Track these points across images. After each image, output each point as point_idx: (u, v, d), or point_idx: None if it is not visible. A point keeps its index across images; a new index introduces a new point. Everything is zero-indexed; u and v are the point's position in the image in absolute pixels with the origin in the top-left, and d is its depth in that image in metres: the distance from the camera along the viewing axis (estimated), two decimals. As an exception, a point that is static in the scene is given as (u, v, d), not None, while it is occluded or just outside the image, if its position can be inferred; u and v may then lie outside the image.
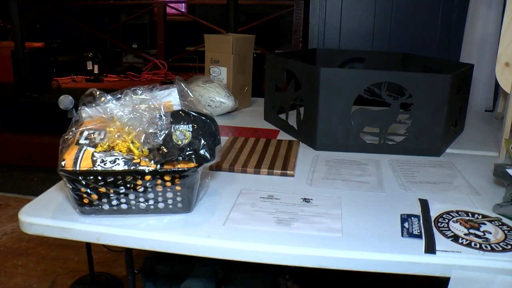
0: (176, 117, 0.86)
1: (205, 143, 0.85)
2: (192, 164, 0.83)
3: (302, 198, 0.94)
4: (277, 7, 4.60)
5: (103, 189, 0.82)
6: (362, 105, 1.24)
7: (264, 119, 1.56)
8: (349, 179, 1.05)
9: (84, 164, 0.80)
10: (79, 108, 0.90)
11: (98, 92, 0.89)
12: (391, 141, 1.25)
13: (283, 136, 1.38)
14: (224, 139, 1.28)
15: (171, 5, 4.81)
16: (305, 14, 2.94)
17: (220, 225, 0.84)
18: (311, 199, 0.94)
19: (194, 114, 0.88)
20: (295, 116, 1.36)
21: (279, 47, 4.72)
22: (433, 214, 0.89)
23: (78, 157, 0.81)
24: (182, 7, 4.98)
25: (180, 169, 0.82)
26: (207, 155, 0.85)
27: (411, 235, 0.81)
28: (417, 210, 0.91)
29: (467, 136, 1.51)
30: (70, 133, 0.86)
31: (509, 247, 0.79)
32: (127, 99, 0.89)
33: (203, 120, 0.88)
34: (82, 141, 0.84)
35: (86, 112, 0.89)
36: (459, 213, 0.90)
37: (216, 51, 1.68)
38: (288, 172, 1.07)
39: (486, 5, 2.01)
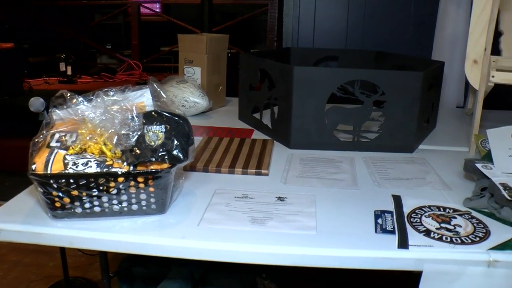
0: (149, 118, 0.86)
1: (178, 143, 0.85)
2: (165, 165, 0.83)
3: (276, 197, 0.94)
4: (253, 7, 4.60)
5: (75, 192, 0.81)
6: (336, 103, 1.25)
7: (239, 119, 1.56)
8: (323, 177, 1.06)
9: (56, 167, 0.79)
10: (50, 110, 0.89)
11: (69, 94, 0.88)
12: (365, 138, 1.26)
13: (257, 135, 1.38)
14: (198, 139, 1.28)
15: (145, 5, 4.76)
16: (280, 13, 2.95)
17: (194, 225, 0.84)
18: (286, 198, 0.94)
19: (167, 114, 0.87)
20: (270, 115, 1.36)
21: (255, 47, 4.71)
22: (406, 209, 0.90)
23: (49, 160, 0.80)
24: (157, 7, 4.93)
25: (153, 170, 0.82)
26: (180, 155, 0.84)
27: (384, 231, 0.82)
28: (391, 206, 0.92)
29: (440, 132, 1.53)
30: (41, 136, 0.85)
31: (478, 239, 0.80)
32: (99, 100, 0.88)
33: (176, 120, 0.87)
34: (53, 143, 0.83)
35: (57, 114, 0.87)
36: (431, 208, 0.92)
37: (190, 51, 1.67)
38: (262, 171, 1.07)
39: (456, 4, 2.05)
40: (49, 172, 0.79)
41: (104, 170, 0.80)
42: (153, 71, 4.48)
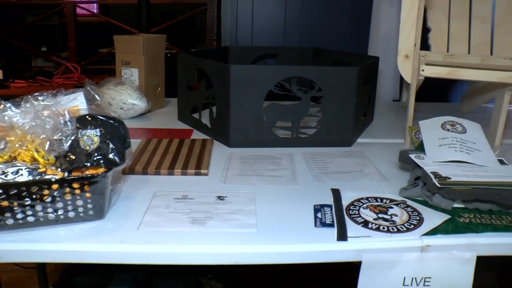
0: (83, 122, 0.83)
1: (114, 147, 0.83)
2: (102, 169, 0.81)
3: (216, 196, 0.94)
4: (192, 6, 4.56)
5: (5, 203, 0.77)
6: (274, 100, 1.26)
7: (178, 119, 1.55)
8: (263, 174, 1.07)
9: (-18, 178, 0.75)
10: (-26, 118, 0.85)
11: (-6, 100, 0.84)
12: (303, 134, 1.28)
13: (197, 135, 1.37)
14: (137, 142, 1.26)
15: (82, 5, 4.63)
16: (219, 12, 2.94)
17: (134, 229, 0.82)
18: (226, 197, 0.94)
19: (101, 118, 0.85)
20: (208, 115, 1.36)
21: (195, 46, 4.68)
22: (345, 202, 0.92)
23: (-24, 170, 0.76)
24: (94, 7, 4.81)
25: (89, 175, 0.79)
26: (117, 159, 0.83)
27: (324, 224, 0.84)
28: (330, 200, 0.94)
29: (377, 125, 1.58)
30: (-34, 145, 0.81)
31: (412, 226, 0.83)
32: (28, 105, 0.85)
33: (111, 123, 0.85)
34: (-21, 153, 0.79)
35: (-18, 122, 0.84)
36: (369, 199, 0.94)
37: (126, 52, 1.64)
38: (202, 171, 1.07)
39: (388, 2, 2.11)
40: (-25, 183, 0.75)
41: (37, 177, 0.78)
42: (93, 73, 4.36)
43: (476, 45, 1.48)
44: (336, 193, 0.96)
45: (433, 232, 0.83)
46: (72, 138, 0.81)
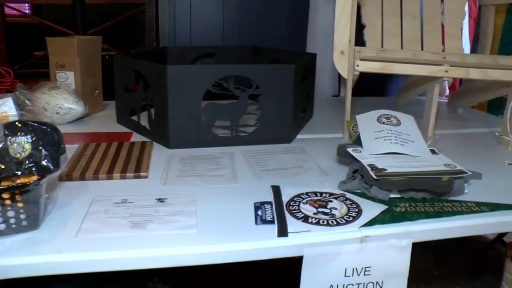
0: (12, 128, 0.80)
1: (47, 153, 0.80)
2: (34, 177, 0.77)
3: (156, 199, 0.93)
4: (131, 6, 4.47)
5: None
6: (212, 99, 1.25)
7: (117, 122, 1.51)
8: (203, 174, 1.06)
9: None
10: None
11: None
12: (243, 132, 1.28)
13: (137, 138, 1.35)
14: (74, 147, 1.22)
15: (12, 5, 4.43)
16: (158, 12, 2.90)
17: (71, 237, 0.79)
18: (166, 199, 0.93)
19: (32, 124, 0.82)
20: (147, 117, 1.33)
21: (136, 47, 4.59)
22: (285, 198, 0.93)
23: None
24: (25, 7, 4.62)
25: (21, 184, 0.76)
26: (50, 165, 0.80)
27: (264, 221, 0.84)
28: (270, 197, 0.94)
29: (316, 120, 1.61)
30: None
31: (351, 219, 0.85)
32: (-50, 113, 0.80)
33: (43, 129, 0.82)
34: None
35: None
36: (309, 194, 0.96)
37: (61, 55, 1.59)
38: (141, 174, 1.05)
39: (324, -1, 2.15)
40: None
41: (-38, 190, 0.73)
42: (27, 77, 4.18)
43: (408, 40, 1.53)
44: (276, 190, 0.97)
45: (371, 222, 0.85)
46: (1, 146, 0.78)
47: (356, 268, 0.83)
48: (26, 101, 0.89)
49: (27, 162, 0.78)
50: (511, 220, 0.91)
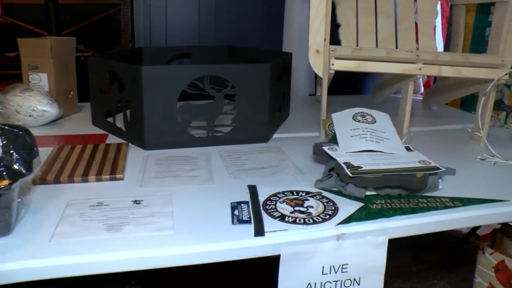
0: (-19, 132, 0.78)
1: (18, 157, 0.79)
2: (5, 182, 0.76)
3: (132, 201, 0.92)
4: (106, 6, 4.42)
5: None
6: (188, 100, 1.25)
7: (93, 124, 1.50)
8: (180, 175, 1.06)
9: None
10: None
11: None
12: (219, 132, 1.28)
13: (112, 139, 1.33)
14: (48, 150, 1.20)
15: (-20, 6, 4.34)
16: (133, 12, 2.88)
17: (45, 242, 0.78)
18: (142, 200, 0.92)
19: (3, 127, 0.80)
20: (123, 118, 1.32)
21: (112, 48, 4.54)
22: (262, 198, 0.93)
23: None
24: (-4, 8, 4.53)
25: (-9, 188, 0.75)
26: (22, 169, 0.78)
27: (241, 221, 0.84)
28: (247, 197, 0.94)
29: (293, 119, 1.61)
30: None
31: (328, 216, 0.86)
32: None
33: (14, 132, 0.81)
34: None
35: None
36: (285, 193, 0.96)
37: (33, 56, 1.56)
38: (117, 176, 1.04)
39: (300, -1, 2.16)
40: None
41: None
42: (-1, 79, 4.12)
43: (383, 39, 1.55)
44: (252, 189, 0.97)
45: (347, 220, 0.86)
46: (-30, 150, 0.76)
47: (333, 266, 0.83)
48: (-3, 104, 0.88)
49: (-2, 166, 0.77)
50: (483, 214, 0.93)
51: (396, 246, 0.87)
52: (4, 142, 0.79)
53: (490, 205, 0.95)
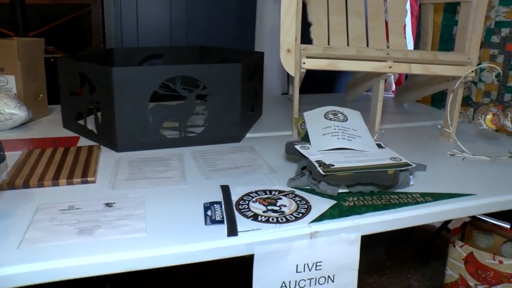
0: None
1: (-16, 162, 0.77)
2: (-29, 187, 0.74)
3: (104, 204, 0.91)
4: (77, 7, 4.35)
5: None
6: (160, 101, 1.24)
7: (64, 127, 1.47)
8: (152, 177, 1.05)
9: None
10: None
11: None
12: (191, 133, 1.28)
13: (84, 142, 1.31)
14: (17, 154, 1.18)
15: None
16: (104, 13, 2.84)
17: (14, 249, 0.76)
18: (114, 203, 0.91)
19: (-32, 131, 0.78)
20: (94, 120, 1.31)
21: (83, 49, 4.48)
22: (235, 198, 0.93)
23: None
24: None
25: (-44, 194, 0.73)
26: (-12, 174, 0.77)
27: (214, 221, 0.84)
28: (220, 197, 0.94)
29: (266, 119, 1.62)
30: None
31: (301, 215, 0.86)
32: None
33: (-20, 136, 0.79)
34: None
35: None
36: (258, 192, 0.96)
37: (-1, 58, 1.53)
38: (88, 178, 1.02)
39: (272, -2, 2.17)
40: None
41: None
42: (-33, 83, 4.02)
43: (354, 37, 1.56)
44: (225, 190, 0.97)
45: (320, 218, 0.86)
46: None
47: (307, 264, 0.84)
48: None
49: (-37, 171, 0.75)
50: (453, 208, 0.95)
51: (371, 242, 0.88)
52: (-31, 147, 0.77)
53: (459, 199, 0.97)
